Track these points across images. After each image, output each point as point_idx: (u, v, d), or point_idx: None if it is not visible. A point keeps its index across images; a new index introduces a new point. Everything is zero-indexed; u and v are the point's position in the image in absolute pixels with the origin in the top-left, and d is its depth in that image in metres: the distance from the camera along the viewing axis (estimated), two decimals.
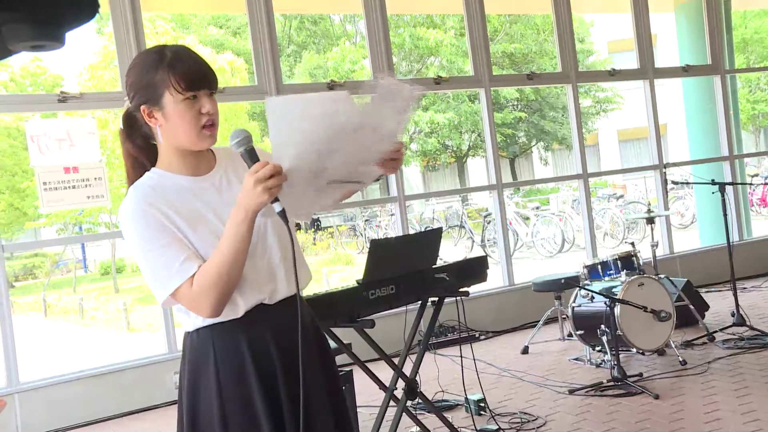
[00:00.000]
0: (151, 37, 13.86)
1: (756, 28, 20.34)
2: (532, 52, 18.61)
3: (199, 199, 1.64)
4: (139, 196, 1.60)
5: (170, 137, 1.63)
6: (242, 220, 1.52)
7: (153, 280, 1.58)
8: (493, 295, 5.89)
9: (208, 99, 1.60)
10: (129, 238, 1.60)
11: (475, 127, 18.37)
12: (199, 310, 1.57)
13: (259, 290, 1.64)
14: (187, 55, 1.60)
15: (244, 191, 1.51)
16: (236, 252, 1.53)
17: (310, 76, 17.62)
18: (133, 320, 10.02)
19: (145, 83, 1.59)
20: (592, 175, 6.81)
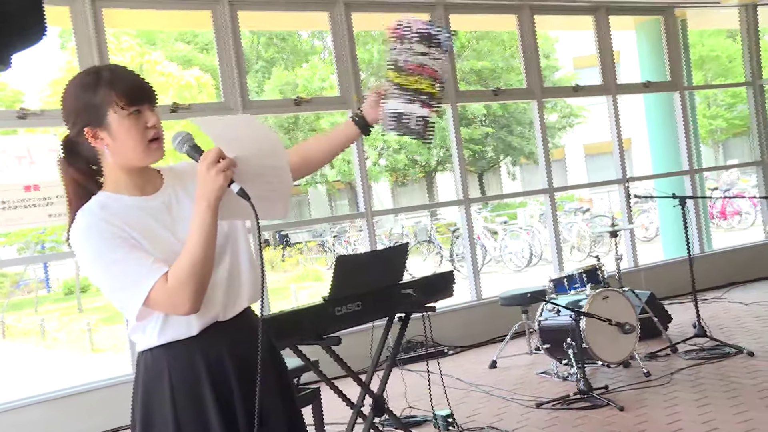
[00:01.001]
0: (116, 52, 13.72)
1: (712, 46, 20.96)
2: (499, 68, 18.85)
3: (151, 217, 1.63)
4: (89, 215, 1.58)
5: (118, 156, 1.61)
6: (205, 208, 1.53)
7: (122, 291, 1.54)
8: (461, 310, 5.91)
9: (151, 113, 1.61)
10: (86, 259, 1.56)
11: (444, 142, 18.50)
12: (178, 308, 1.54)
13: (213, 305, 1.64)
14: (125, 72, 1.62)
15: (199, 181, 1.53)
16: (205, 241, 1.54)
17: (280, 92, 17.60)
18: (97, 340, 9.83)
19: (84, 105, 1.58)
20: (558, 190, 6.90)
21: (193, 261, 1.53)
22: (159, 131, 1.62)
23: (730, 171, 15.37)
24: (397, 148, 18.20)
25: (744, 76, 7.90)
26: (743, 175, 16.07)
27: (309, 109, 6.07)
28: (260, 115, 6.33)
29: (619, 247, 5.22)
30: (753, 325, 5.35)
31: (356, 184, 5.88)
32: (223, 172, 1.50)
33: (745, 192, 14.62)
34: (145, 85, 1.62)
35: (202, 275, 1.54)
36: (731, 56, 20.58)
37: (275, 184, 1.64)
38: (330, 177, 18.85)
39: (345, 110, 5.82)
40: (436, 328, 5.44)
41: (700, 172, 7.67)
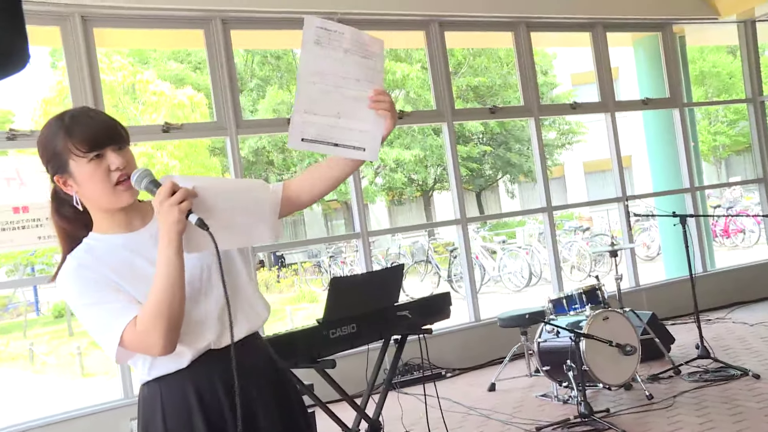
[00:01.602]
0: (108, 72, 13.80)
1: (713, 61, 21.13)
2: (497, 85, 18.97)
3: (136, 254, 1.64)
4: (74, 262, 1.62)
5: (89, 201, 1.64)
6: (166, 244, 1.53)
7: (100, 334, 1.57)
8: (459, 332, 5.90)
9: (116, 154, 1.60)
10: (71, 303, 1.61)
11: (441, 160, 18.57)
12: (150, 349, 1.55)
13: (204, 335, 1.64)
14: (84, 117, 1.61)
15: (159, 217, 1.53)
16: (168, 277, 1.53)
17: (274, 111, 17.68)
18: (87, 365, 9.77)
19: (50, 154, 1.61)
20: (557, 208, 6.93)
21: (158, 301, 1.53)
22: (126, 171, 1.60)
23: (733, 188, 15.43)
24: (393, 167, 18.26)
25: (744, 93, 7.97)
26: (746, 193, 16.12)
27: None
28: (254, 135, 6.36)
29: (619, 266, 5.23)
30: (758, 346, 5.35)
31: (352, 203, 5.90)
32: (177, 204, 1.50)
33: (748, 209, 14.67)
34: (107, 128, 1.61)
35: (170, 315, 1.53)
36: (732, 72, 20.76)
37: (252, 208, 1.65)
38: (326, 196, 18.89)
39: None
40: (433, 350, 5.42)
41: (702, 190, 7.71)
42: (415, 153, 17.45)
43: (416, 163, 18.10)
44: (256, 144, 17.90)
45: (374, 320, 3.09)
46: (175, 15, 5.16)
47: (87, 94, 4.78)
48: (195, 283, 1.64)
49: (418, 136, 17.85)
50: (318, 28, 1.59)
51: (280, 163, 18.67)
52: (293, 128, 1.64)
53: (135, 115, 14.33)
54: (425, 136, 18.00)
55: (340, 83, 1.62)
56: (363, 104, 1.65)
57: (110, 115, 1.67)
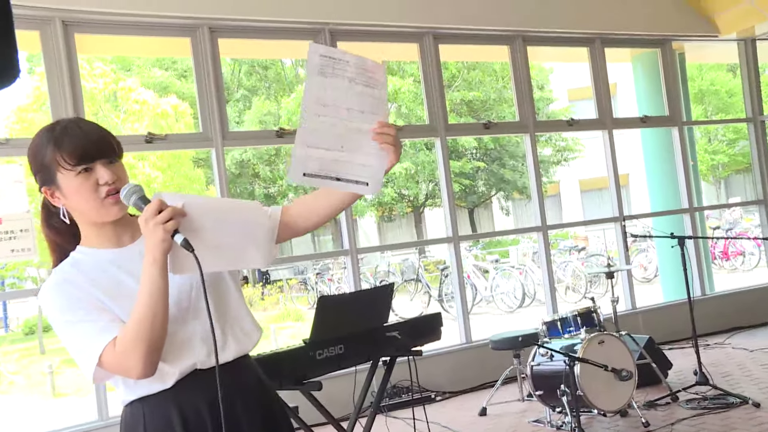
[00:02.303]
0: (88, 79, 13.79)
1: (712, 80, 21.37)
2: (491, 99, 19.10)
3: (123, 271, 1.65)
4: (58, 275, 1.63)
5: (77, 213, 1.65)
6: (150, 263, 1.53)
7: (79, 353, 1.57)
8: (449, 354, 5.90)
9: (106, 168, 1.60)
10: (51, 319, 1.61)
11: (433, 176, 18.62)
12: (129, 372, 1.55)
13: (190, 356, 1.64)
14: (75, 128, 1.61)
15: (144, 236, 1.53)
16: (151, 297, 1.53)
17: (260, 123, 17.71)
18: (59, 384, 9.67)
19: (39, 165, 1.62)
20: (552, 227, 6.96)
21: (139, 322, 1.53)
22: (116, 186, 1.61)
23: (732, 209, 15.55)
24: (384, 182, 18.29)
25: (744, 112, 8.07)
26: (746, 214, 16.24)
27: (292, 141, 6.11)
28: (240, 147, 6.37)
29: (615, 288, 5.26)
30: (758, 373, 5.37)
31: (341, 218, 5.90)
32: (163, 224, 1.50)
33: (748, 231, 14.78)
34: (98, 141, 1.61)
35: (151, 337, 1.53)
36: (731, 90, 21.01)
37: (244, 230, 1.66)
38: None
39: None
40: (422, 372, 5.40)
41: (701, 211, 7.77)
42: (406, 167, 17.50)
43: (407, 179, 18.15)
44: (241, 156, 17.90)
45: (362, 341, 3.09)
46: (161, 22, 5.18)
47: (67, 101, 4.78)
48: (183, 302, 1.65)
49: (409, 151, 17.92)
50: (322, 56, 1.59)
51: (266, 175, 18.65)
52: (296, 162, 1.64)
53: (117, 123, 14.30)
54: (417, 150, 18.07)
55: (344, 115, 1.63)
56: (367, 136, 1.65)
57: (103, 127, 1.67)
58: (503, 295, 12.01)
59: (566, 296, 11.92)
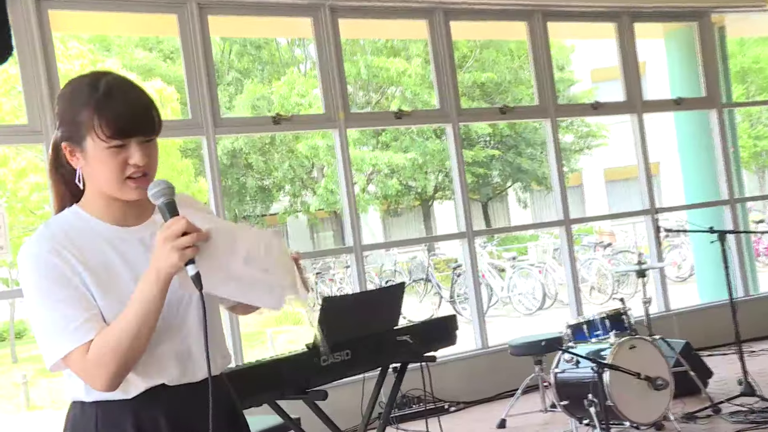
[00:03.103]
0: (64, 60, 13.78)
1: (755, 57, 21.08)
2: (506, 81, 19.04)
3: (117, 253, 1.64)
4: (44, 238, 1.60)
5: (91, 182, 1.65)
6: (153, 281, 1.53)
7: (44, 338, 1.57)
8: (464, 360, 5.90)
9: (140, 148, 1.59)
10: (24, 287, 1.60)
11: (443, 166, 18.60)
12: (92, 383, 1.57)
13: (162, 374, 1.65)
14: (121, 94, 1.59)
15: (156, 249, 1.52)
16: (143, 317, 1.53)
17: (253, 108, 17.70)
18: (34, 396, 9.70)
19: (69, 118, 1.60)
20: (575, 221, 6.95)
21: (121, 336, 1.53)
22: (144, 169, 1.61)
23: None
24: (388, 173, 18.30)
25: None
26: None
27: (289, 129, 6.13)
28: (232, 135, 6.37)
29: (647, 288, 5.24)
30: None
31: (343, 213, 5.91)
32: (180, 250, 1.49)
33: None
34: (141, 114, 1.60)
35: (128, 354, 1.54)
36: None
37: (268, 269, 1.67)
38: (312, 205, 18.88)
39: (330, 130, 5.87)
40: (436, 380, 5.38)
41: (742, 202, 7.72)
42: (413, 157, 17.48)
43: (414, 169, 18.13)
44: (232, 145, 17.90)
45: (371, 346, 3.09)
46: None
47: (41, 84, 4.77)
48: (169, 316, 1.65)
49: (417, 139, 17.90)
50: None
51: (260, 166, 18.65)
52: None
53: None
54: (425, 138, 18.05)
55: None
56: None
57: (148, 94, 1.64)
58: (521, 296, 12.00)
59: (591, 297, 11.91)
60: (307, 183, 19.42)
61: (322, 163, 18.36)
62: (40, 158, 11.25)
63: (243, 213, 20.29)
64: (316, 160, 17.96)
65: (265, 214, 20.99)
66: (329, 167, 17.76)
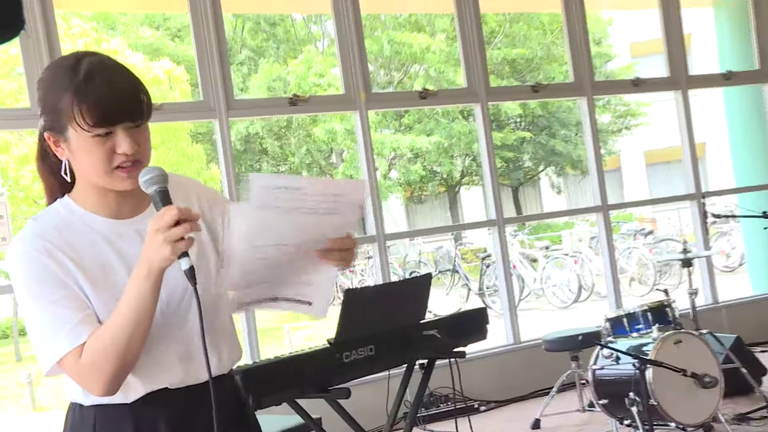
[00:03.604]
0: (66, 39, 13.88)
1: None
2: (538, 57, 18.95)
3: (112, 249, 1.63)
4: (34, 235, 1.59)
5: (80, 173, 1.63)
6: (145, 276, 1.51)
7: (37, 341, 1.57)
8: (496, 356, 5.90)
9: (128, 134, 1.55)
10: (15, 288, 1.60)
11: (469, 149, 18.54)
12: (88, 386, 1.57)
13: (164, 377, 1.64)
14: (103, 77, 1.53)
15: (146, 242, 1.50)
16: (137, 315, 1.52)
17: (269, 89, 17.73)
18: (40, 396, 9.81)
19: (50, 106, 1.57)
20: (614, 207, 6.89)
21: (115, 336, 1.52)
22: (134, 157, 1.57)
23: None
24: (411, 157, 18.29)
25: None
26: None
27: (307, 111, 6.13)
28: (247, 118, 6.38)
29: (693, 278, 5.19)
30: None
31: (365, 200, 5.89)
32: (172, 243, 1.47)
33: None
34: (128, 100, 1.55)
35: (124, 358, 1.53)
36: None
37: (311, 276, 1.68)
38: None
39: (350, 112, 5.85)
40: (465, 378, 5.37)
41: None
42: (438, 140, 17.45)
43: (439, 153, 18.10)
44: (246, 129, 17.97)
45: (396, 341, 3.08)
46: None
47: (44, 65, 4.75)
48: (169, 312, 1.64)
49: (442, 121, 17.85)
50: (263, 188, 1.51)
51: (276, 151, 18.71)
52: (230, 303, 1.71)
53: None
54: (451, 120, 18.00)
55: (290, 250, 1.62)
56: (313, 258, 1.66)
57: (135, 76, 1.60)
58: (555, 288, 11.99)
59: (630, 289, 11.87)
60: (325, 169, 19.46)
61: (341, 148, 18.38)
62: None
63: None
64: (334, 144, 17.98)
65: None
66: (349, 152, 17.78)
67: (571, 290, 11.78)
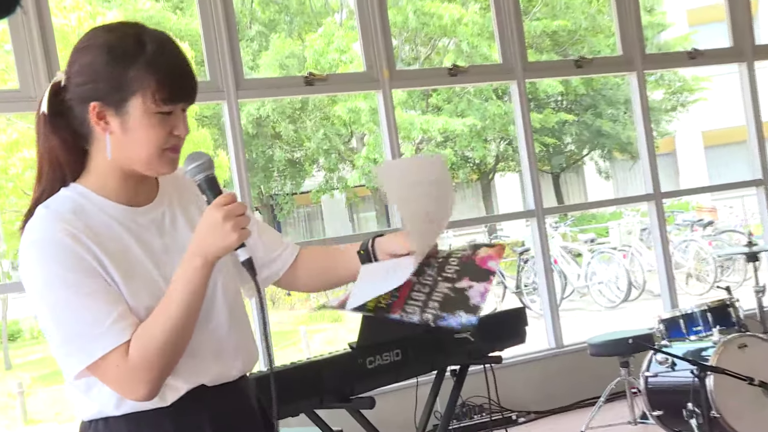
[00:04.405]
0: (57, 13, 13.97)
1: None
2: (582, 28, 18.86)
3: (133, 237, 1.65)
4: (55, 220, 1.57)
5: (120, 152, 1.62)
6: (199, 266, 1.55)
7: (67, 343, 1.55)
8: (535, 362, 5.90)
9: (183, 117, 1.64)
10: (36, 281, 1.56)
11: (506, 132, 18.50)
12: (131, 391, 1.56)
13: (200, 372, 1.67)
14: (172, 51, 1.62)
15: (204, 230, 1.55)
16: (187, 309, 1.56)
17: (281, 67, 17.77)
18: (32, 407, 9.92)
19: (107, 74, 1.58)
20: (668, 195, 6.86)
21: (166, 333, 1.55)
22: (183, 140, 1.66)
23: None
24: (441, 141, 18.29)
25: None
26: None
27: (324, 91, 6.14)
28: (257, 98, 6.40)
29: (759, 274, 5.15)
30: None
31: None
32: (241, 229, 1.55)
33: None
34: (192, 77, 1.64)
35: (174, 353, 1.57)
36: None
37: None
38: (350, 180, 18.96)
39: (373, 91, 5.86)
40: (502, 386, 5.37)
41: None
42: (471, 122, 17.43)
43: (472, 137, 18.08)
44: (257, 111, 18.04)
45: (425, 345, 3.09)
46: None
47: (35, 42, 4.80)
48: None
49: (474, 101, 17.82)
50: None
51: (290, 136, 18.75)
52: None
53: None
54: (484, 99, 17.96)
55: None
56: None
57: None
58: (602, 286, 11.96)
59: (687, 286, 11.82)
60: (345, 155, 19.50)
61: (363, 131, 18.39)
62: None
63: (269, 191, 20.48)
64: (355, 127, 18.00)
65: (296, 192, 21.13)
66: (371, 135, 17.78)
67: (619, 288, 11.74)
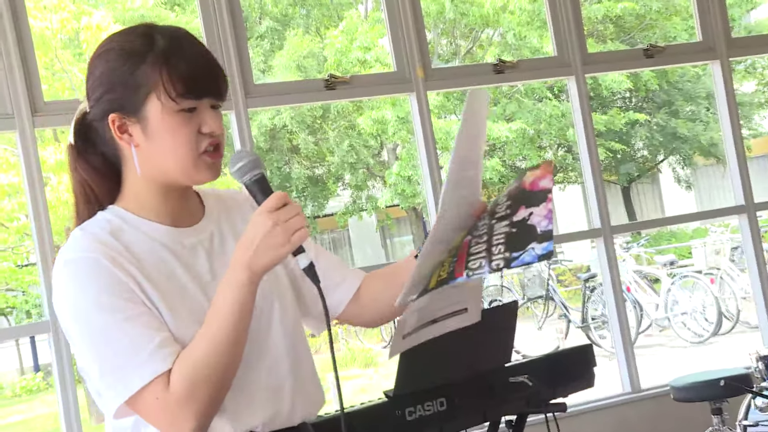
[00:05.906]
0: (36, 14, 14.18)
1: None
2: (652, 11, 18.77)
3: (179, 261, 1.70)
4: (92, 243, 1.64)
5: (150, 164, 1.69)
6: (247, 281, 1.58)
7: (104, 376, 1.60)
8: (607, 410, 5.86)
9: (212, 113, 1.68)
10: (68, 305, 1.62)
11: (563, 137, 18.45)
12: (176, 427, 1.59)
13: (252, 412, 1.69)
14: (189, 44, 1.68)
15: (250, 238, 1.57)
16: (236, 331, 1.59)
17: (298, 69, 17.86)
18: None
19: (119, 80, 1.65)
20: (763, 207, 6.80)
21: (210, 359, 1.57)
22: (218, 140, 1.69)
23: None
24: (486, 149, 18.24)
25: None
26: None
27: (349, 95, 6.17)
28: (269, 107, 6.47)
29: None
30: None
31: (426, 209, 5.95)
32: (294, 233, 1.56)
33: None
34: (215, 69, 1.69)
35: (224, 382, 1.60)
36: None
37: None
38: (382, 200, 18.99)
39: (404, 94, 5.89)
40: None
41: None
42: (520, 127, 17.40)
43: (523, 144, 18.04)
44: (271, 122, 18.13)
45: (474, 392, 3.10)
46: None
47: (10, 48, 4.87)
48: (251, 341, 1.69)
49: (525, 101, 17.80)
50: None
51: (310, 149, 18.79)
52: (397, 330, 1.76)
53: (81, 80, 14.72)
54: (536, 100, 17.94)
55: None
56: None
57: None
58: (686, 317, 11.88)
59: None
60: (374, 170, 19.53)
61: (395, 141, 18.42)
62: (12, 151, 11.62)
63: None
64: (385, 137, 18.02)
65: (318, 215, 21.17)
66: (404, 146, 17.81)
67: (707, 319, 11.65)
